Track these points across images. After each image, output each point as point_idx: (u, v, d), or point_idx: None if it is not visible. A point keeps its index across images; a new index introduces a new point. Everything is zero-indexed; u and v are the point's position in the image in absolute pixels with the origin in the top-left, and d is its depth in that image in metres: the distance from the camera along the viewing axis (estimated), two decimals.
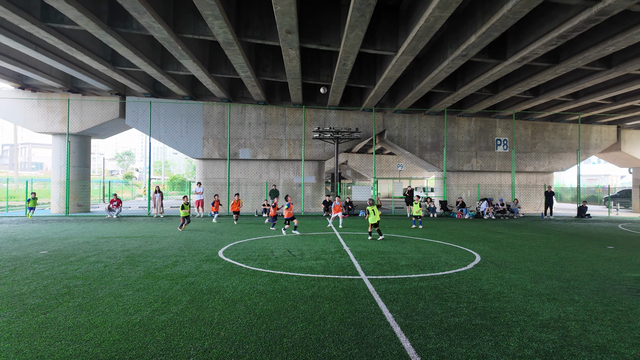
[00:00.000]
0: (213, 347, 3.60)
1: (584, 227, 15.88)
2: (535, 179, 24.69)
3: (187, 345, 3.64)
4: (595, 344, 3.78)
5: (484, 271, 6.99)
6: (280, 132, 21.53)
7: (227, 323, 4.22)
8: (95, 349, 3.52)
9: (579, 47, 13.54)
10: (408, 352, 3.54)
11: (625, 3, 9.44)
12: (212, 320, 4.29)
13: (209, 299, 5.08)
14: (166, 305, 4.82)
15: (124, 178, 66.17)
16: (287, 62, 14.65)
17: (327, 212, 19.90)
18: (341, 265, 7.30)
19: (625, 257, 8.68)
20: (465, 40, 12.38)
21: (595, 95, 18.92)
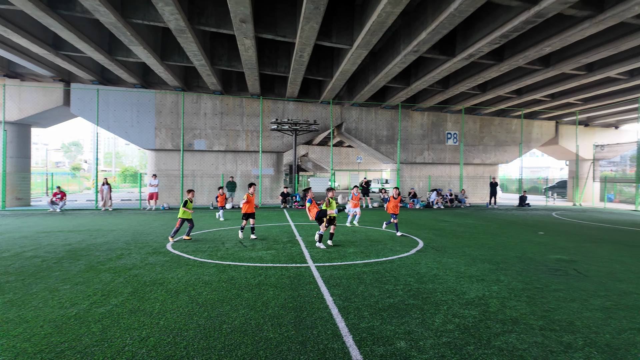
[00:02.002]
0: (150, 336, 3.63)
1: (523, 215, 17.13)
2: (482, 171, 26.16)
3: (123, 336, 3.64)
4: (510, 317, 4.20)
5: (424, 256, 7.43)
6: (238, 123, 21.24)
7: (168, 313, 4.24)
8: (24, 344, 3.44)
9: (520, 47, 14.45)
10: (341, 331, 3.76)
11: (558, 7, 10.20)
12: (153, 311, 4.29)
13: (152, 291, 5.05)
14: (106, 297, 4.74)
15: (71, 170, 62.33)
16: (243, 51, 14.46)
17: (285, 204, 20.00)
18: (291, 255, 7.46)
19: (552, 241, 9.53)
20: (417, 37, 12.82)
21: (536, 92, 20.29)
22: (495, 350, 3.39)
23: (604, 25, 11.32)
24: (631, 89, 19.83)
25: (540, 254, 7.77)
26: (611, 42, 13.24)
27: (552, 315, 4.26)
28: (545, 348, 3.44)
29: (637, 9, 10.21)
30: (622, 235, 10.87)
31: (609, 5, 10.64)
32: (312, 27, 12.06)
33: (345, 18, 13.68)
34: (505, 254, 7.74)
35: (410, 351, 3.37)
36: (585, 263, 6.95)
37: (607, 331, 3.83)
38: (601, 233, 11.19)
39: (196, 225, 11.94)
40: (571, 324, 3.99)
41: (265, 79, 20.62)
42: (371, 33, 12.28)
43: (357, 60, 15.06)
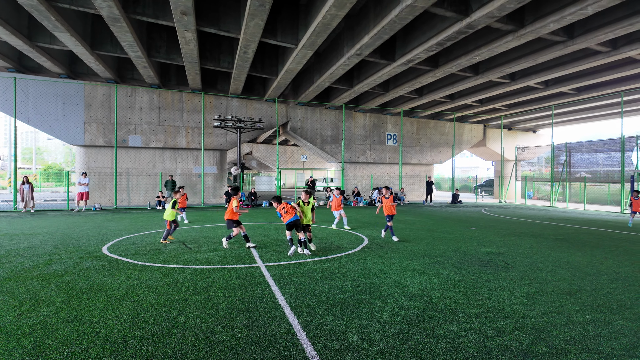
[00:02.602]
0: (92, 346, 3.39)
1: (456, 212, 18.44)
2: (419, 170, 27.70)
3: (60, 347, 3.35)
4: (450, 307, 4.54)
5: (369, 252, 7.73)
6: (177, 118, 20.30)
7: (110, 320, 3.98)
8: None
9: (453, 55, 15.53)
10: (295, 329, 3.81)
11: (487, 20, 11.13)
12: (92, 319, 4.00)
13: (89, 298, 4.69)
14: (35, 307, 4.31)
15: None
16: (184, 44, 13.87)
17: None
18: (239, 255, 7.34)
19: (482, 235, 10.40)
20: (359, 40, 13.21)
21: (466, 97, 21.93)
22: (439, 339, 3.65)
23: (524, 39, 12.56)
24: (546, 97, 22.23)
25: (473, 248, 8.44)
26: (530, 55, 14.74)
27: (486, 303, 4.68)
28: (482, 334, 3.78)
29: (551, 26, 11.47)
30: (540, 228, 12.17)
31: (528, 22, 11.85)
32: (257, 24, 11.92)
33: (291, 17, 13.70)
34: (443, 248, 8.30)
35: (362, 344, 3.51)
36: (511, 255, 7.70)
37: (532, 315, 4.29)
38: (523, 227, 12.43)
39: (133, 227, 11.25)
40: (502, 311, 4.42)
41: (207, 73, 19.94)
42: (316, 34, 12.44)
43: (303, 60, 15.16)
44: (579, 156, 21.95)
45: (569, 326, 3.99)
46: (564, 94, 21.11)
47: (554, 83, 19.26)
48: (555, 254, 7.88)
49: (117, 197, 18.86)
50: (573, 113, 26.08)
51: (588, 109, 24.79)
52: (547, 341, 3.63)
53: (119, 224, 11.96)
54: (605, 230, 12.02)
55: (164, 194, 18.67)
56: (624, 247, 8.80)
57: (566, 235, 10.59)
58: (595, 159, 21.24)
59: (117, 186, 18.65)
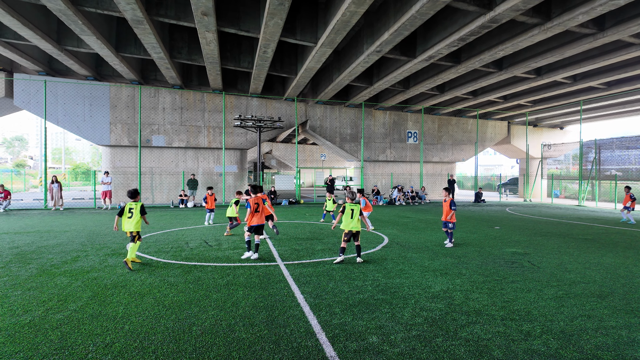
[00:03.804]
0: (115, 342, 3.46)
1: (479, 210, 18.02)
2: (441, 169, 27.20)
3: (85, 342, 3.44)
4: (473, 309, 4.41)
5: (389, 252, 7.62)
6: (199, 118, 20.62)
7: (133, 316, 4.06)
8: None
9: (476, 50, 15.15)
10: (314, 329, 3.78)
11: (511, 13, 10.79)
12: (116, 315, 4.09)
13: (114, 294, 4.80)
14: (63, 303, 4.45)
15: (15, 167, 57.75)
16: (204, 45, 14.06)
17: None
18: (259, 253, 7.36)
19: (507, 235, 10.10)
20: (379, 37, 13.06)
21: (490, 93, 21.36)
22: (462, 341, 3.55)
23: (551, 32, 12.11)
24: (574, 92, 21.40)
25: (497, 248, 8.21)
26: (557, 49, 14.20)
27: (511, 305, 4.52)
28: (507, 337, 3.65)
29: (580, 19, 11.01)
30: (568, 228, 11.73)
31: (555, 14, 11.41)
32: (276, 23, 11.95)
33: (310, 16, 13.67)
34: (466, 249, 8.10)
35: (382, 345, 3.45)
36: (538, 255, 7.44)
37: (561, 319, 4.12)
38: (549, 227, 12.01)
39: (156, 225, 11.49)
40: (529, 314, 4.26)
41: (227, 74, 20.18)
42: (335, 32, 12.36)
43: (322, 58, 15.11)
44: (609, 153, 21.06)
45: (600, 331, 3.81)
46: (593, 88, 20.27)
47: (583, 77, 18.52)
48: (584, 254, 7.57)
49: (142, 196, 19.33)
50: (603, 108, 25.03)
51: (619, 104, 23.74)
52: (577, 346, 3.47)
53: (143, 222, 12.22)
54: (638, 230, 11.47)
55: (186, 192, 19.01)
56: None
57: (596, 236, 10.16)
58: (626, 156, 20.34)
59: (141, 185, 19.12)
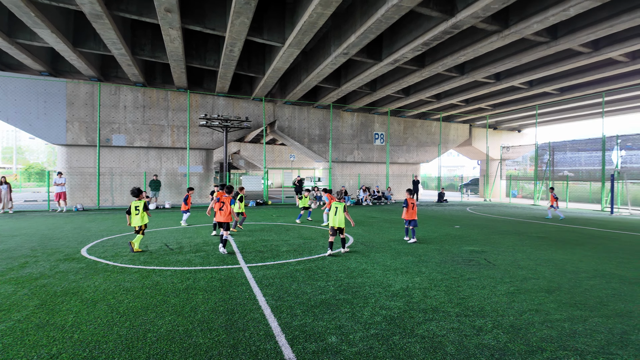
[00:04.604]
0: (62, 352, 3.29)
1: (441, 210, 18.59)
2: (406, 169, 27.85)
3: (29, 354, 3.24)
4: (430, 306, 4.55)
5: (354, 252, 7.71)
6: (162, 117, 20.00)
7: (83, 325, 3.87)
8: None
9: (439, 55, 15.62)
10: (274, 331, 3.76)
11: (472, 20, 11.21)
12: (65, 324, 3.89)
13: (64, 302, 4.56)
14: (6, 313, 4.17)
15: None
16: (168, 42, 13.66)
17: None
18: (222, 256, 7.25)
19: (466, 234, 10.49)
20: (346, 39, 13.19)
21: (452, 97, 22.11)
22: (418, 338, 3.65)
23: (509, 39, 12.70)
24: (531, 97, 22.54)
25: (456, 246, 8.51)
26: (515, 55, 14.91)
27: (466, 302, 4.70)
28: (460, 333, 3.79)
29: (535, 27, 11.62)
30: (523, 227, 12.33)
31: (512, 22, 11.97)
32: (242, 22, 11.80)
33: (277, 16, 13.60)
34: (427, 247, 8.34)
35: (340, 345, 3.48)
36: (494, 253, 7.77)
37: (511, 313, 4.33)
38: (506, 225, 12.58)
39: (115, 228, 11.04)
40: (482, 309, 4.44)
41: (193, 72, 19.71)
42: (302, 32, 12.37)
43: (289, 59, 15.07)
44: (562, 155, 22.34)
45: (546, 324, 4.03)
46: (547, 94, 21.44)
47: (538, 83, 19.54)
48: (536, 252, 7.99)
49: (100, 198, 18.52)
50: (556, 113, 26.52)
51: (571, 109, 25.24)
52: (525, 339, 3.65)
53: (101, 225, 11.72)
54: (586, 228, 12.25)
55: (148, 193, 18.39)
56: (604, 245, 8.97)
57: (548, 233, 10.75)
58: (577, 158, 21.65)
59: (100, 186, 18.31)
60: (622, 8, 11.08)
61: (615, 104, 22.82)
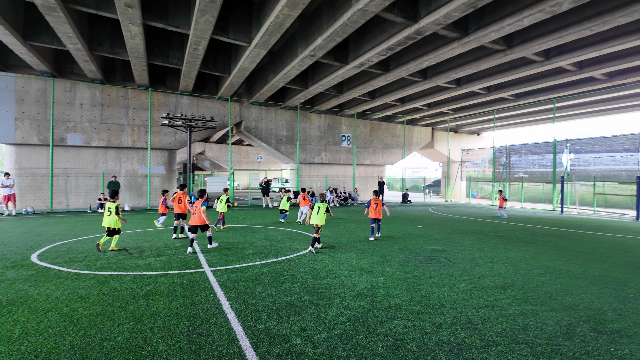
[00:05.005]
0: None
1: (405, 210, 19.07)
2: (372, 171, 28.34)
3: None
4: (393, 305, 4.66)
5: (320, 253, 7.76)
6: (122, 116, 19.19)
7: (32, 336, 3.65)
8: None
9: (403, 60, 16.04)
10: (238, 335, 3.71)
11: (434, 27, 11.60)
12: (11, 336, 3.64)
13: (10, 311, 4.27)
14: None
15: None
16: (129, 38, 13.14)
17: None
18: (184, 260, 7.06)
19: (428, 233, 10.83)
20: (313, 41, 13.24)
21: (416, 101, 22.75)
22: (381, 337, 3.73)
23: (468, 46, 13.24)
24: (489, 102, 23.61)
25: (418, 246, 8.76)
26: (474, 62, 15.57)
27: (427, 300, 4.85)
28: (421, 330, 3.91)
29: (492, 36, 12.19)
30: (481, 226, 12.89)
31: (472, 30, 12.50)
32: (207, 21, 11.57)
33: (244, 15, 13.45)
34: (390, 247, 8.53)
35: (305, 347, 3.50)
36: (453, 252, 8.08)
37: (469, 310, 4.52)
38: (466, 225, 13.10)
39: (70, 232, 10.47)
40: (442, 307, 4.61)
41: (155, 69, 19.07)
42: (269, 33, 12.30)
43: (256, 59, 14.94)
44: (517, 158, 23.56)
45: (501, 319, 4.24)
46: (504, 99, 22.54)
47: (495, 89, 20.50)
48: (493, 250, 8.38)
49: (54, 200, 17.51)
50: (512, 117, 27.91)
51: (525, 114, 26.66)
52: (481, 334, 3.82)
53: (54, 229, 11.07)
54: (538, 226, 12.99)
55: (105, 195, 17.59)
56: (554, 242, 9.55)
57: (504, 232, 11.31)
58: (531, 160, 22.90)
59: (53, 188, 17.30)
60: (570, 21, 11.86)
61: (565, 110, 24.36)
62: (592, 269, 6.69)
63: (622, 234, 11.28)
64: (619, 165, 18.33)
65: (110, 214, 7.78)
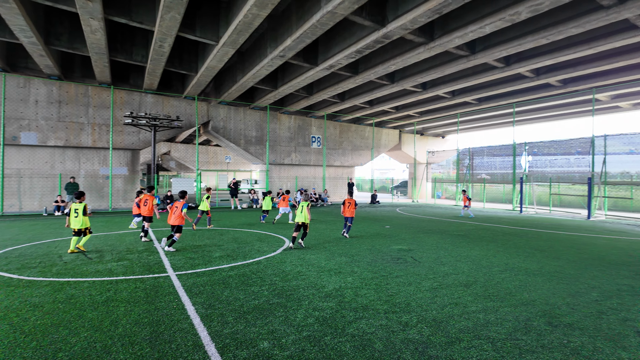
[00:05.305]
0: None
1: (373, 211, 19.37)
2: (342, 172, 28.58)
3: None
4: (361, 305, 4.71)
5: (289, 254, 7.73)
6: (82, 114, 18.29)
7: None
8: None
9: (371, 63, 16.29)
10: (203, 341, 3.63)
11: (401, 31, 11.85)
12: None
13: None
14: None
15: None
16: (89, 33, 12.55)
17: None
18: (148, 264, 6.81)
19: (396, 233, 11.04)
20: (282, 42, 13.19)
21: (384, 104, 23.16)
22: (349, 337, 3.76)
23: (434, 51, 13.63)
24: (453, 106, 24.41)
25: (386, 245, 8.91)
26: (439, 67, 16.05)
27: (394, 299, 4.94)
28: (388, 329, 3.97)
29: (456, 42, 12.61)
30: (446, 226, 13.30)
31: (437, 36, 12.89)
32: (173, 17, 11.26)
33: (211, 13, 13.19)
34: (359, 247, 8.62)
35: (272, 350, 3.46)
36: (419, 251, 8.28)
37: (434, 308, 4.64)
38: (431, 225, 13.47)
39: (23, 237, 9.85)
40: (408, 305, 4.71)
41: (118, 66, 18.33)
42: (238, 32, 12.14)
43: (224, 58, 14.69)
44: (480, 160, 24.50)
45: (464, 316, 4.38)
46: (467, 103, 23.38)
47: (459, 93, 21.23)
48: (457, 249, 8.66)
49: (5, 203, 16.42)
50: (475, 121, 29.02)
51: (487, 118, 27.78)
52: (445, 331, 3.93)
53: (5, 234, 10.38)
54: (499, 226, 13.56)
55: (63, 197, 16.72)
56: (513, 241, 9.99)
57: (467, 232, 11.72)
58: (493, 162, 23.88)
59: (4, 190, 16.22)
60: (528, 29, 12.48)
61: (524, 114, 25.59)
62: (548, 265, 7.05)
63: (575, 232, 11.98)
64: (572, 167, 19.47)
65: (78, 215, 7.72)
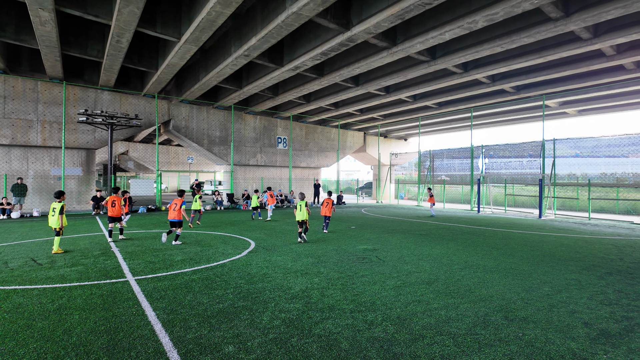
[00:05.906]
0: None
1: (340, 212, 19.56)
2: (308, 173, 28.63)
3: None
4: (327, 305, 4.73)
5: (255, 256, 7.63)
6: (30, 111, 17.12)
7: None
8: None
9: (336, 65, 16.45)
10: (165, 347, 3.50)
11: (365, 35, 12.05)
12: None
13: None
14: None
15: None
16: (38, 25, 11.77)
17: (98, 210, 17.24)
18: (104, 270, 6.48)
19: (361, 233, 11.21)
20: (247, 41, 13.02)
21: (349, 106, 23.47)
22: (315, 338, 3.76)
23: (397, 56, 13.99)
24: (415, 109, 25.16)
25: (352, 245, 9.02)
26: (402, 71, 16.49)
27: (359, 298, 5.01)
28: (354, 328, 4.02)
29: (418, 47, 13.01)
30: (408, 226, 13.66)
31: (400, 41, 13.24)
32: (132, 12, 10.82)
33: (173, 9, 12.80)
34: (325, 248, 8.67)
35: (238, 354, 3.40)
36: (384, 250, 8.45)
37: (398, 306, 4.75)
38: (395, 225, 13.79)
39: None
40: (373, 304, 4.79)
41: (71, 61, 17.34)
42: (200, 30, 11.86)
43: (186, 55, 14.29)
44: (440, 162, 25.39)
45: (426, 313, 4.52)
46: (428, 107, 24.18)
47: (421, 97, 21.92)
48: (419, 248, 8.93)
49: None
50: (436, 124, 30.05)
51: (447, 121, 28.87)
52: (409, 329, 4.04)
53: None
54: (458, 225, 14.12)
55: (9, 199, 15.57)
56: (472, 240, 10.44)
57: (428, 231, 12.10)
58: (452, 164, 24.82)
59: None
60: (484, 37, 13.11)
61: (481, 118, 26.81)
62: (504, 262, 7.43)
63: (528, 231, 12.70)
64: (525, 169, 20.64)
65: (55, 214, 7.83)
